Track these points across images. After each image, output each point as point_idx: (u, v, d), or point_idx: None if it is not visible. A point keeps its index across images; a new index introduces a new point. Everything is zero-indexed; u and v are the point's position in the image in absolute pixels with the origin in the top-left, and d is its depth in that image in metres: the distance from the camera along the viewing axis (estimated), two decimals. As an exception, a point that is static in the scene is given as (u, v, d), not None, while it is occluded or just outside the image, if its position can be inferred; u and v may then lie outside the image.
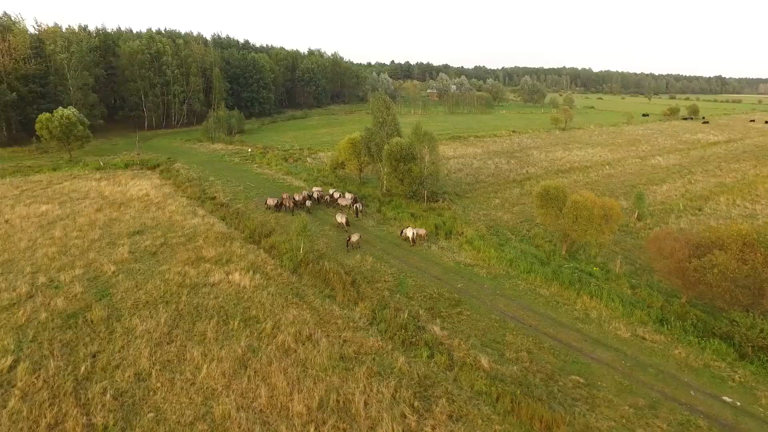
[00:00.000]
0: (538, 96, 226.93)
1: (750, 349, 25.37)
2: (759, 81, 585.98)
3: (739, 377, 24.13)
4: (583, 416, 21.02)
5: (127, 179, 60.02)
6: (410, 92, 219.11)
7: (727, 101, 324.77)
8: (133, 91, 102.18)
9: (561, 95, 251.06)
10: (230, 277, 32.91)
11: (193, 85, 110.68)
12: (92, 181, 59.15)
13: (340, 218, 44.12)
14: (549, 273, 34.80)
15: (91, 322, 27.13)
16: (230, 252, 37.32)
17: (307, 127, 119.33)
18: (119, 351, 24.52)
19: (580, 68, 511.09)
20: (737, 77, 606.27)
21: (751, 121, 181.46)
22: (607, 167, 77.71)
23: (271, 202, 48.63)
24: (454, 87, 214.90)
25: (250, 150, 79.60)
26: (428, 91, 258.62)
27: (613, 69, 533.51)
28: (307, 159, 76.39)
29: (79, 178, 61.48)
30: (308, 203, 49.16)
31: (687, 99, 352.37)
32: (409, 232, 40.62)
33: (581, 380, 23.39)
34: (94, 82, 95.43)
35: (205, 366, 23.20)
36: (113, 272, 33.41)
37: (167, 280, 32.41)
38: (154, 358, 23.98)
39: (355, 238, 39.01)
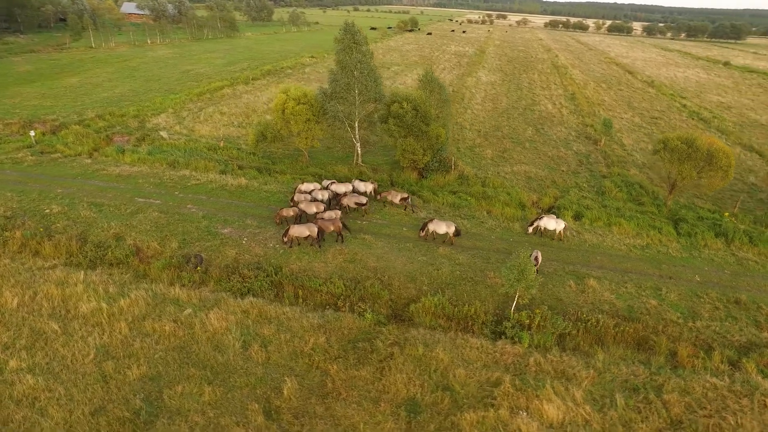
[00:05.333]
0: (266, 13, 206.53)
1: None
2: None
3: None
4: None
5: None
6: (115, 15, 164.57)
7: (400, 12, 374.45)
8: None
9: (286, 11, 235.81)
10: None
11: None
12: None
13: (445, 227, 28.83)
14: (730, 235, 31.46)
15: None
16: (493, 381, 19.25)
17: (33, 78, 73.60)
18: None
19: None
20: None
21: (452, 31, 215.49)
22: (482, 90, 77.80)
23: (300, 231, 27.17)
24: (171, 7, 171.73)
25: (33, 134, 42.95)
26: (122, 11, 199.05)
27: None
28: (161, 133, 47.05)
29: None
30: (334, 215, 29.91)
31: (368, 10, 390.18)
32: (556, 225, 30.10)
33: None
34: None
35: None
36: None
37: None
38: None
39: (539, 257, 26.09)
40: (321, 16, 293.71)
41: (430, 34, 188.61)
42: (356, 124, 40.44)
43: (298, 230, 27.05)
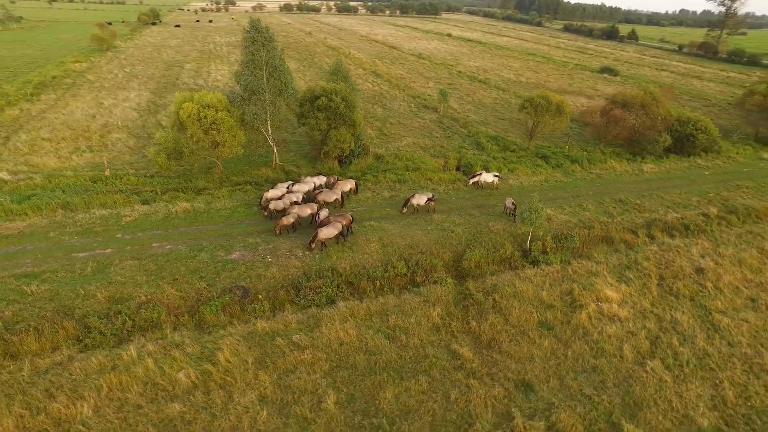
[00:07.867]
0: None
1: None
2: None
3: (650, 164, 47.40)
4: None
5: None
6: None
7: (113, 3, 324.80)
8: None
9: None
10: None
11: None
12: None
13: (426, 198, 32.87)
14: (580, 160, 44.70)
15: None
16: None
17: None
18: None
19: None
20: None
21: (197, 21, 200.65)
22: (294, 77, 79.05)
23: (329, 233, 26.57)
24: None
25: None
26: None
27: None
28: (0, 174, 34.68)
29: None
30: (326, 213, 30.46)
31: (71, 1, 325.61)
32: (493, 178, 37.57)
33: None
34: None
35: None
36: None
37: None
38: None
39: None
40: (18, 10, 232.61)
41: (178, 26, 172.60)
42: (269, 125, 39.33)
43: (327, 232, 27.13)
